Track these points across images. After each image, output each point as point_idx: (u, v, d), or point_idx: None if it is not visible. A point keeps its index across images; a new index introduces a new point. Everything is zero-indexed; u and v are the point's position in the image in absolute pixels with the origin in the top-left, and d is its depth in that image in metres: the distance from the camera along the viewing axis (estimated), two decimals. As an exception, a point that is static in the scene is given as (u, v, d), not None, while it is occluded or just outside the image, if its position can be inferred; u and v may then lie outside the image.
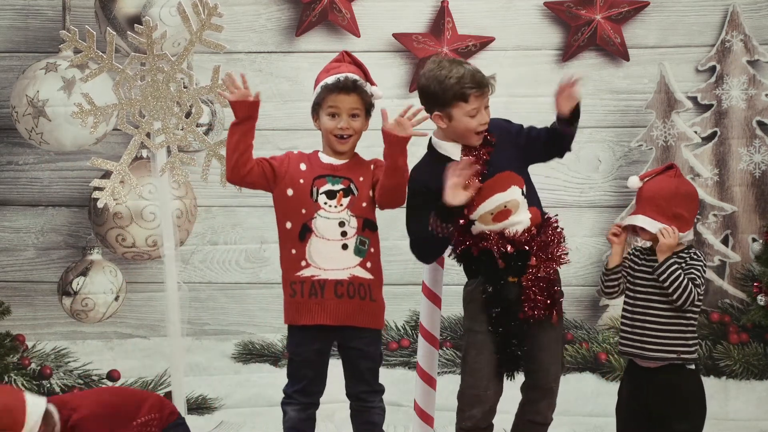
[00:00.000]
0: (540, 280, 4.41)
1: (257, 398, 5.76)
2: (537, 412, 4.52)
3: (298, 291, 4.48)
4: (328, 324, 4.47)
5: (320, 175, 4.50)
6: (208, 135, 5.45)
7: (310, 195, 4.49)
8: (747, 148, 5.81)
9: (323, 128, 4.52)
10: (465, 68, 4.38)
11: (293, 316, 4.52)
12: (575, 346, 5.88)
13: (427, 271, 4.94)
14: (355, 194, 4.49)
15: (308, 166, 4.52)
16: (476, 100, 4.36)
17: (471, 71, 4.37)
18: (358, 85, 4.50)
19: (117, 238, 5.51)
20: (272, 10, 5.87)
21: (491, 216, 4.42)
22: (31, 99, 5.37)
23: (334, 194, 4.48)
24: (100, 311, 5.63)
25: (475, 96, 4.36)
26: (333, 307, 4.46)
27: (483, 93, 4.37)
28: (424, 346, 4.99)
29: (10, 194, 5.88)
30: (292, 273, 4.51)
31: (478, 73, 4.39)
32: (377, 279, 4.52)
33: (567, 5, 5.79)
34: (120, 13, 5.31)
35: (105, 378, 5.87)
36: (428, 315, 4.94)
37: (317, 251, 4.47)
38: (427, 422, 5.01)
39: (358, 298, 4.48)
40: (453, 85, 4.34)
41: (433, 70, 4.40)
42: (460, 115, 4.38)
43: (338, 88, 4.48)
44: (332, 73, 4.53)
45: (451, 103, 4.37)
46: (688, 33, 5.84)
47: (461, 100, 4.36)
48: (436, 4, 5.82)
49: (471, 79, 4.35)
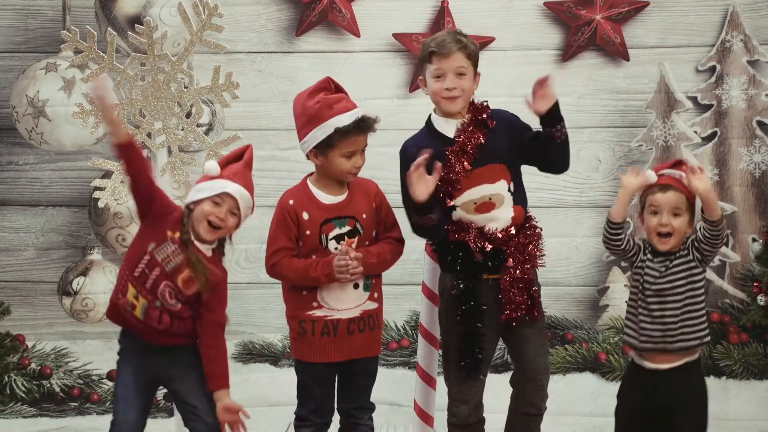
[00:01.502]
0: (518, 281, 4.39)
1: (257, 398, 5.75)
2: (530, 404, 4.51)
3: (309, 330, 4.45)
4: (339, 360, 4.47)
5: (326, 220, 4.42)
6: (209, 135, 5.45)
7: (320, 242, 4.42)
8: (747, 148, 5.81)
9: (335, 167, 4.40)
10: (443, 34, 4.42)
11: (304, 353, 4.49)
12: (575, 346, 5.88)
13: (427, 271, 4.94)
14: (362, 233, 4.44)
15: (310, 214, 4.42)
16: (439, 61, 4.35)
17: (443, 34, 4.41)
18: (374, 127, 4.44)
19: (117, 238, 5.51)
20: (272, 10, 5.87)
21: (474, 205, 4.41)
22: (31, 99, 5.37)
23: (343, 238, 4.43)
24: (100, 311, 5.63)
25: (438, 57, 4.35)
26: (345, 344, 4.45)
27: (444, 54, 4.35)
28: (424, 346, 4.99)
29: (10, 194, 5.88)
30: (301, 312, 4.46)
31: (449, 36, 4.39)
32: (380, 303, 4.52)
33: (567, 5, 5.79)
34: (120, 14, 5.31)
35: (105, 378, 5.87)
36: (428, 315, 4.95)
37: (330, 294, 4.42)
38: (427, 422, 5.01)
39: (367, 330, 4.48)
40: (424, 46, 4.40)
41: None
42: (429, 78, 4.41)
43: (359, 129, 4.40)
44: (339, 111, 4.39)
45: (422, 66, 4.43)
46: (688, 33, 5.84)
47: (427, 61, 4.39)
48: (436, 4, 5.82)
49: (436, 40, 4.38)
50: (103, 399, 5.85)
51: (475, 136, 4.40)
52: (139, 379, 4.33)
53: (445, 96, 4.40)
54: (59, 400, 5.87)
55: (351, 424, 4.56)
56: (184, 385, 4.35)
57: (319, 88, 4.44)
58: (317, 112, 4.38)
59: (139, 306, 4.27)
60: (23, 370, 5.85)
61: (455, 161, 4.37)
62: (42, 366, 5.86)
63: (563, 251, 5.87)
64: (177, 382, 4.36)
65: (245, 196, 4.30)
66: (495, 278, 4.42)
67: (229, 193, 4.26)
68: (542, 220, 5.95)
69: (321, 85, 4.45)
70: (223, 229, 4.29)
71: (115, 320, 4.37)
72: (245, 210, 4.31)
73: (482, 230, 4.39)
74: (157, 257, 4.26)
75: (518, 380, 4.52)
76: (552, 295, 5.84)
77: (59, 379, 5.87)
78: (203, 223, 4.25)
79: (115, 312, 4.34)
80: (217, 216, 4.25)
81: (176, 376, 4.35)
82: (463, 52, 4.39)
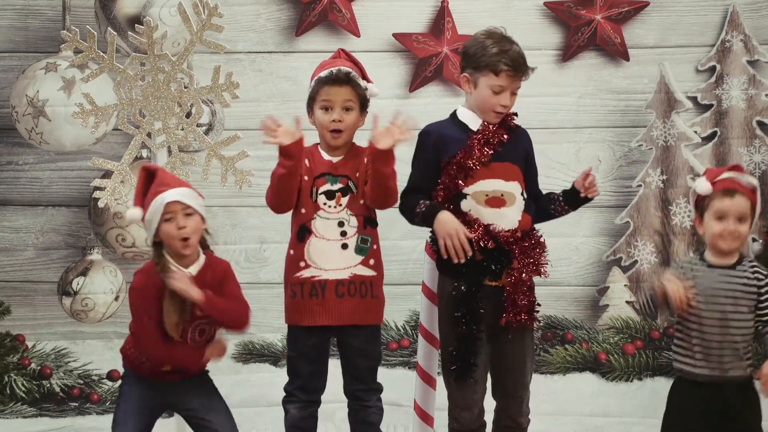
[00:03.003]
0: (522, 284, 4.40)
1: (257, 398, 5.76)
2: (510, 418, 4.53)
3: (298, 292, 4.48)
4: (330, 324, 4.47)
5: (320, 174, 4.50)
6: (209, 135, 5.45)
7: (310, 195, 4.49)
8: (747, 148, 5.81)
9: (317, 123, 4.52)
10: (511, 46, 4.41)
11: (294, 316, 4.52)
12: (575, 346, 5.88)
13: (427, 271, 4.94)
14: (354, 192, 4.49)
15: (310, 163, 4.52)
16: (506, 79, 4.39)
17: (516, 51, 4.41)
18: (351, 77, 4.50)
19: (117, 238, 5.51)
20: (272, 10, 5.87)
21: (486, 197, 4.42)
22: (31, 99, 5.37)
23: (333, 194, 4.48)
24: (100, 311, 5.63)
25: (507, 75, 4.38)
26: (334, 307, 4.46)
27: (516, 75, 4.39)
28: (424, 346, 4.99)
29: (10, 194, 5.88)
30: (291, 274, 4.51)
31: (521, 56, 4.42)
32: (379, 275, 4.53)
33: (567, 5, 5.80)
34: (120, 13, 5.31)
35: (105, 378, 5.87)
36: (428, 315, 4.94)
37: (316, 252, 4.46)
38: (427, 422, 5.01)
39: (359, 296, 4.47)
40: (492, 54, 4.38)
41: (483, 35, 4.46)
42: (485, 86, 4.40)
43: (331, 80, 4.47)
44: (326, 68, 4.53)
45: (482, 70, 4.40)
46: (688, 33, 5.84)
47: (492, 71, 4.38)
48: (436, 4, 5.82)
49: (510, 57, 4.39)
50: (103, 399, 5.86)
51: (499, 132, 4.44)
52: (141, 406, 4.32)
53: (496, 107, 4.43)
54: (59, 400, 5.87)
55: (359, 406, 4.56)
56: (197, 403, 4.32)
57: (331, 56, 4.63)
58: (313, 74, 4.56)
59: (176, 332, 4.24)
60: (23, 370, 5.85)
61: (476, 148, 4.40)
62: (42, 366, 5.86)
63: (563, 251, 5.87)
64: (188, 403, 4.33)
65: (182, 191, 4.23)
66: (496, 285, 4.41)
67: (168, 202, 4.19)
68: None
69: (332, 55, 4.63)
70: (192, 233, 4.21)
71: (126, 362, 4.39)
72: (195, 201, 4.24)
73: (488, 228, 4.39)
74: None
75: (499, 394, 4.53)
76: (552, 295, 5.84)
77: (59, 379, 5.87)
78: (177, 242, 4.20)
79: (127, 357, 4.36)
80: (178, 226, 4.18)
81: (186, 398, 4.33)
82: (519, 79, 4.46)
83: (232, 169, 5.10)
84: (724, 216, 4.20)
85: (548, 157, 5.82)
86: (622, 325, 5.87)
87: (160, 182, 4.25)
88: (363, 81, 4.56)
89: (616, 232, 5.88)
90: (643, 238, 5.80)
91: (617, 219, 5.83)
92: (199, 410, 4.32)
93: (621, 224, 5.84)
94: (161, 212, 4.19)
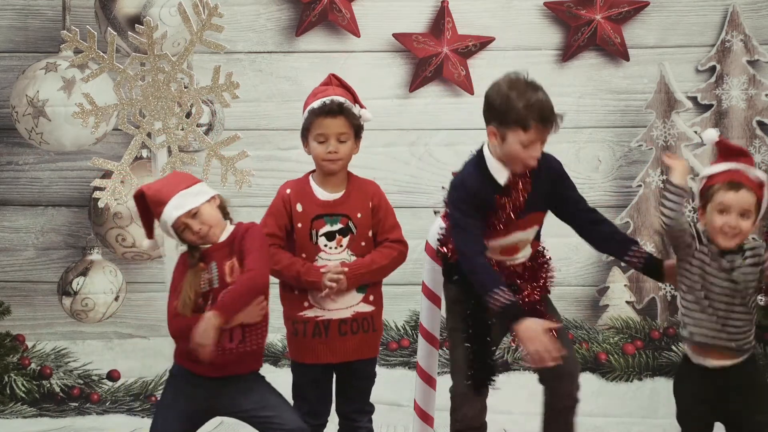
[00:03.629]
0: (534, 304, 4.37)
1: (257, 398, 5.75)
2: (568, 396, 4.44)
3: (301, 331, 4.47)
4: (333, 362, 4.47)
5: (318, 215, 4.42)
6: (209, 135, 5.45)
7: (309, 238, 4.43)
8: (747, 148, 5.81)
9: (313, 154, 4.44)
10: (537, 96, 4.16)
11: (297, 354, 4.52)
12: (575, 346, 5.88)
13: (427, 271, 4.93)
14: (354, 233, 4.44)
15: (304, 206, 4.43)
16: (536, 133, 4.17)
17: (542, 102, 4.17)
18: (344, 108, 4.40)
19: (117, 238, 5.51)
20: (272, 10, 5.87)
21: (500, 248, 4.35)
22: (31, 99, 5.37)
23: (333, 235, 4.43)
24: (100, 311, 5.63)
25: (537, 129, 4.17)
26: (337, 346, 4.45)
27: (545, 128, 4.19)
28: (424, 346, 4.99)
29: (10, 194, 5.88)
30: (294, 312, 4.48)
31: (548, 106, 4.19)
32: (378, 307, 4.52)
33: (567, 5, 5.79)
34: (120, 14, 5.31)
35: (105, 378, 5.87)
36: (428, 315, 4.94)
37: (320, 294, 4.42)
38: (427, 422, 5.00)
39: (361, 332, 4.47)
40: (519, 109, 4.14)
41: (506, 85, 4.21)
42: (514, 141, 4.18)
43: (324, 111, 4.39)
44: (319, 97, 4.45)
45: (509, 126, 4.17)
46: (688, 33, 5.84)
47: (521, 127, 4.15)
48: (436, 4, 5.82)
49: (539, 110, 4.14)
50: (103, 399, 5.86)
51: (526, 186, 4.29)
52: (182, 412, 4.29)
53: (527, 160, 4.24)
54: (59, 400, 5.87)
55: (349, 426, 4.56)
56: (251, 403, 4.30)
57: (321, 83, 4.53)
58: (306, 102, 4.47)
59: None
60: (23, 370, 5.85)
61: (502, 211, 4.28)
62: (42, 366, 5.86)
63: (563, 251, 5.86)
64: (241, 405, 4.30)
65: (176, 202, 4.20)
66: None
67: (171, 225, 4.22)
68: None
69: (323, 81, 4.54)
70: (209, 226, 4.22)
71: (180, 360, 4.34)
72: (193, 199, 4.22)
73: (503, 263, 4.35)
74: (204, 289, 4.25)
75: (549, 377, 4.41)
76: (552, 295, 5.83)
77: (59, 379, 5.87)
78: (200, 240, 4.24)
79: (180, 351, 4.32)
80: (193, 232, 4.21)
81: (237, 401, 4.30)
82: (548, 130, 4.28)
83: (232, 169, 5.10)
84: (727, 210, 4.13)
85: (548, 157, 5.83)
86: (622, 325, 5.87)
87: (154, 202, 4.24)
88: (356, 107, 4.47)
89: (616, 232, 5.88)
90: (643, 238, 5.79)
91: (617, 219, 5.82)
92: (256, 410, 4.29)
93: (621, 224, 5.84)
94: (173, 232, 4.22)
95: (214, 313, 4.11)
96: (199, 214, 4.21)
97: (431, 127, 5.89)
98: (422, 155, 5.89)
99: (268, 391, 4.34)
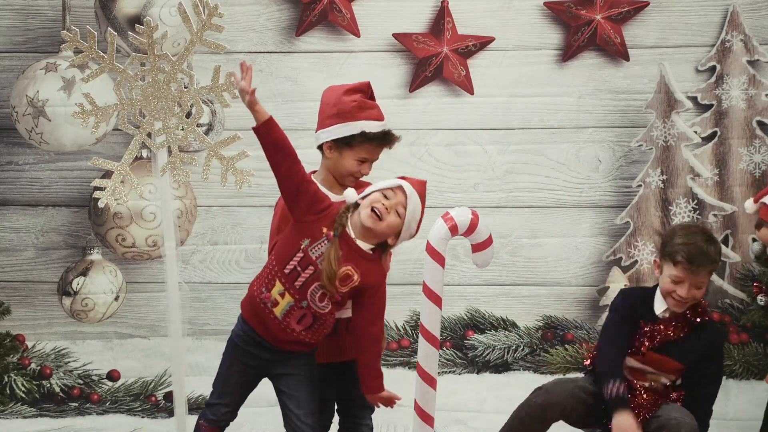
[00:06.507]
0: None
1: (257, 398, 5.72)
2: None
3: None
4: (336, 361, 4.49)
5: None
6: (209, 135, 5.45)
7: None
8: (747, 148, 5.81)
9: (343, 163, 4.43)
10: (697, 241, 4.48)
11: None
12: (575, 346, 5.88)
13: (427, 271, 4.93)
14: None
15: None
16: (683, 271, 4.45)
17: (698, 246, 4.47)
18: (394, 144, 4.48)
19: (117, 238, 5.51)
20: (272, 10, 5.87)
21: (630, 370, 4.60)
22: (31, 99, 5.37)
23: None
24: (100, 311, 5.63)
25: (683, 267, 4.45)
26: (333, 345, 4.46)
27: (692, 269, 4.45)
28: (424, 346, 4.98)
29: (10, 194, 5.88)
30: None
31: (704, 253, 4.46)
32: None
33: (567, 5, 5.79)
34: (120, 14, 5.31)
35: (105, 378, 5.87)
36: (428, 315, 4.93)
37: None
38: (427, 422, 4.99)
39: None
40: (675, 244, 4.48)
41: (681, 226, 4.71)
42: (666, 273, 4.51)
43: (383, 142, 4.43)
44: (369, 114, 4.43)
45: (665, 257, 4.53)
46: (688, 33, 5.84)
47: (671, 260, 4.48)
48: (436, 4, 5.82)
49: (689, 250, 4.45)
50: (103, 399, 5.86)
51: (672, 331, 4.57)
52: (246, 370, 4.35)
53: (675, 299, 4.52)
54: (59, 400, 5.87)
55: (351, 423, 4.57)
56: (287, 387, 4.33)
57: (358, 88, 4.48)
58: (351, 109, 4.41)
59: (282, 304, 4.21)
60: (23, 370, 5.85)
61: (641, 336, 4.58)
62: (42, 366, 5.86)
63: (563, 251, 5.87)
64: (282, 382, 4.34)
65: (416, 200, 4.25)
66: None
67: (402, 187, 4.23)
68: (542, 220, 5.98)
69: (360, 87, 4.48)
70: (383, 222, 4.21)
71: (246, 313, 4.32)
72: (411, 214, 4.25)
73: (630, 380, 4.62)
74: (311, 255, 4.19)
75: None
76: (552, 295, 5.85)
77: (59, 379, 5.87)
78: (367, 209, 4.19)
79: (251, 305, 4.29)
80: (384, 204, 4.21)
81: (283, 376, 4.33)
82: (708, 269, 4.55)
83: (232, 169, 5.09)
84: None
85: (548, 157, 5.83)
86: (622, 325, 5.86)
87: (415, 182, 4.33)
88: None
89: (616, 232, 5.88)
90: (643, 238, 5.80)
91: (617, 219, 5.83)
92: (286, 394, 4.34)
93: (621, 224, 5.84)
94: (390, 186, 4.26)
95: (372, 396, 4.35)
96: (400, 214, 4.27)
97: (431, 127, 5.89)
98: (422, 155, 5.89)
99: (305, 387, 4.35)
